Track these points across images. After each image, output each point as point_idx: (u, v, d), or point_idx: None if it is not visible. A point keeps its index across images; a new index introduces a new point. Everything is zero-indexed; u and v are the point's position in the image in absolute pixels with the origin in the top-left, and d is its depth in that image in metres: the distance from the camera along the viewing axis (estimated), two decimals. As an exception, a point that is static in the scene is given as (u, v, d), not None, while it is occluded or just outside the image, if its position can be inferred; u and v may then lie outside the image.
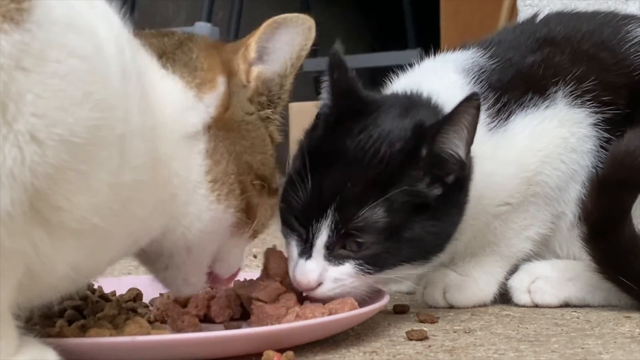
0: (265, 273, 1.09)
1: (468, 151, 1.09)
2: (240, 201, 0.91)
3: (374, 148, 1.07)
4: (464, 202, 1.14)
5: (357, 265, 1.06)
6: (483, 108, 1.20)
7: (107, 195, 0.77)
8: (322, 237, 1.05)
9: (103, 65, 0.76)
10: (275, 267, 1.08)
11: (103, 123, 0.75)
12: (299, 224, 1.07)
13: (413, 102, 1.16)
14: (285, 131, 1.11)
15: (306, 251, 1.06)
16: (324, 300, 1.05)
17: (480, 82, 1.23)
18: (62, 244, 0.76)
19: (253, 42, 0.93)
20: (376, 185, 1.05)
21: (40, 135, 0.70)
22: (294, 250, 1.08)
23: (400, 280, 1.18)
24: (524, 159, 1.21)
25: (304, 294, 1.07)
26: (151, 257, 0.94)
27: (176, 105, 0.88)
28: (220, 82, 0.91)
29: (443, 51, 1.32)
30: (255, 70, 0.94)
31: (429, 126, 1.08)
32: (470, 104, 1.06)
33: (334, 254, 1.06)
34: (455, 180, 1.10)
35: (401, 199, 1.06)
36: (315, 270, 1.05)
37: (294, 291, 1.07)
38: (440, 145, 1.08)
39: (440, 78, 1.22)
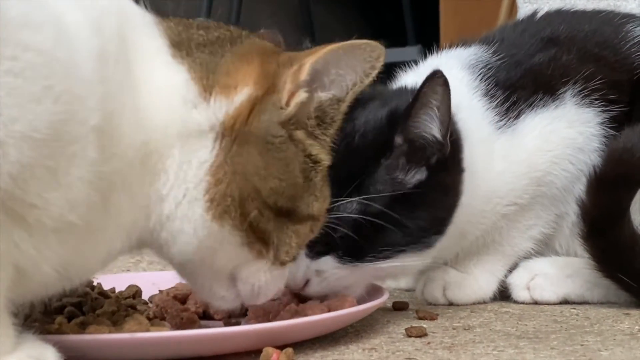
0: None
1: (446, 130, 1.08)
2: (240, 223, 0.84)
3: (346, 142, 1.07)
4: (453, 184, 1.13)
5: (337, 257, 1.06)
6: (491, 106, 1.21)
7: (83, 190, 0.75)
8: None
9: (67, 55, 0.74)
10: None
11: (69, 117, 0.73)
12: None
13: (398, 93, 1.16)
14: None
15: None
16: (320, 298, 1.05)
17: (487, 79, 1.22)
18: (44, 242, 0.75)
19: (308, 63, 0.85)
20: (348, 179, 1.05)
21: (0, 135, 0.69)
22: None
23: (400, 275, 1.18)
24: (534, 159, 1.21)
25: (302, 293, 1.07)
26: (173, 266, 0.91)
27: (176, 98, 0.83)
28: (243, 93, 0.84)
29: (444, 48, 1.32)
30: (301, 96, 0.86)
31: (399, 113, 1.08)
32: (435, 82, 1.05)
33: (315, 251, 1.06)
34: (437, 161, 1.09)
35: (377, 189, 1.06)
36: (299, 269, 1.06)
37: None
38: (414, 131, 1.07)
39: (445, 74, 1.22)
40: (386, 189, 1.07)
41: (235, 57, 0.86)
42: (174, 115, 0.82)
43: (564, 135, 1.22)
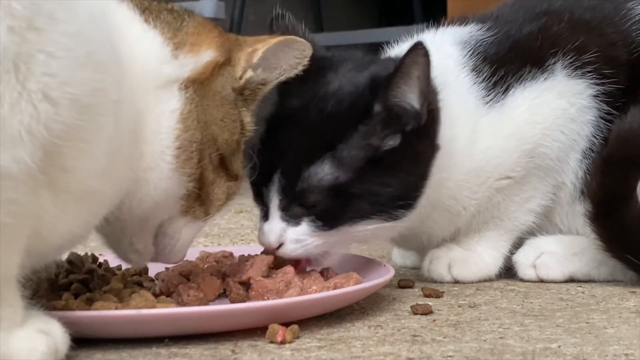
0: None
1: (424, 101, 1.10)
2: (195, 170, 0.92)
3: (319, 106, 1.09)
4: (426, 153, 1.13)
5: (311, 223, 1.08)
6: (478, 81, 1.21)
7: (105, 161, 0.80)
8: (274, 201, 1.08)
9: (100, 28, 0.79)
10: None
11: (103, 86, 0.78)
12: (257, 191, 1.10)
13: (376, 61, 1.17)
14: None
15: (265, 214, 1.10)
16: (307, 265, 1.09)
17: (477, 54, 1.23)
18: (65, 207, 0.78)
19: (261, 51, 0.99)
20: (321, 144, 1.07)
21: (53, 94, 0.73)
22: (259, 215, 1.11)
23: (372, 241, 1.19)
24: (524, 132, 1.21)
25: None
26: (108, 225, 0.94)
27: (152, 57, 0.91)
28: (207, 53, 0.94)
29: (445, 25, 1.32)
30: (249, 73, 0.99)
31: (381, 81, 1.09)
32: (417, 52, 1.06)
33: (290, 214, 1.08)
34: (412, 129, 1.10)
35: (351, 154, 1.07)
36: (273, 231, 1.08)
37: (291, 264, 1.07)
38: (393, 100, 1.08)
39: (436, 50, 1.22)
40: (360, 154, 1.07)
41: (196, 22, 0.96)
42: (149, 73, 0.90)
43: (554, 106, 1.22)
